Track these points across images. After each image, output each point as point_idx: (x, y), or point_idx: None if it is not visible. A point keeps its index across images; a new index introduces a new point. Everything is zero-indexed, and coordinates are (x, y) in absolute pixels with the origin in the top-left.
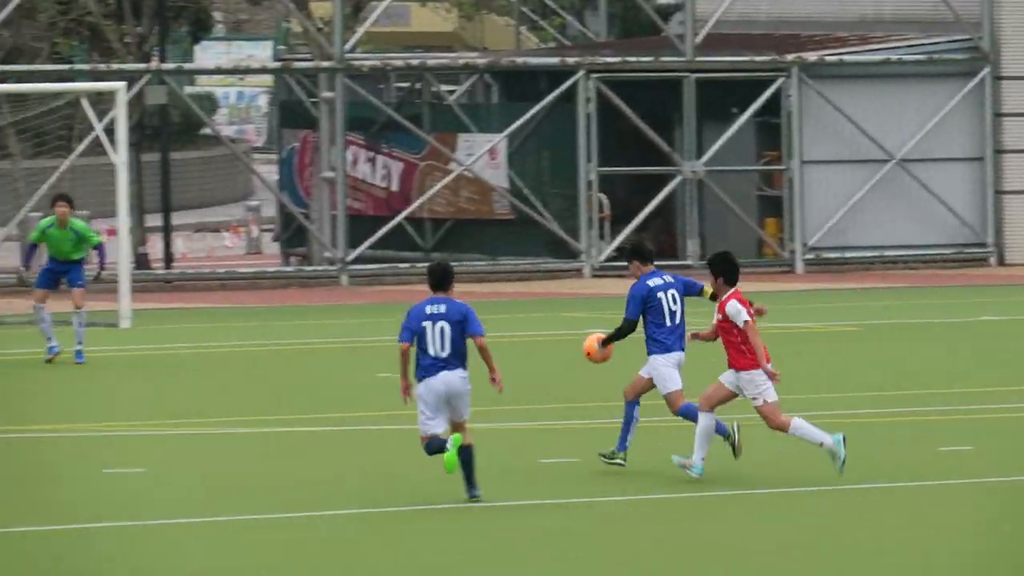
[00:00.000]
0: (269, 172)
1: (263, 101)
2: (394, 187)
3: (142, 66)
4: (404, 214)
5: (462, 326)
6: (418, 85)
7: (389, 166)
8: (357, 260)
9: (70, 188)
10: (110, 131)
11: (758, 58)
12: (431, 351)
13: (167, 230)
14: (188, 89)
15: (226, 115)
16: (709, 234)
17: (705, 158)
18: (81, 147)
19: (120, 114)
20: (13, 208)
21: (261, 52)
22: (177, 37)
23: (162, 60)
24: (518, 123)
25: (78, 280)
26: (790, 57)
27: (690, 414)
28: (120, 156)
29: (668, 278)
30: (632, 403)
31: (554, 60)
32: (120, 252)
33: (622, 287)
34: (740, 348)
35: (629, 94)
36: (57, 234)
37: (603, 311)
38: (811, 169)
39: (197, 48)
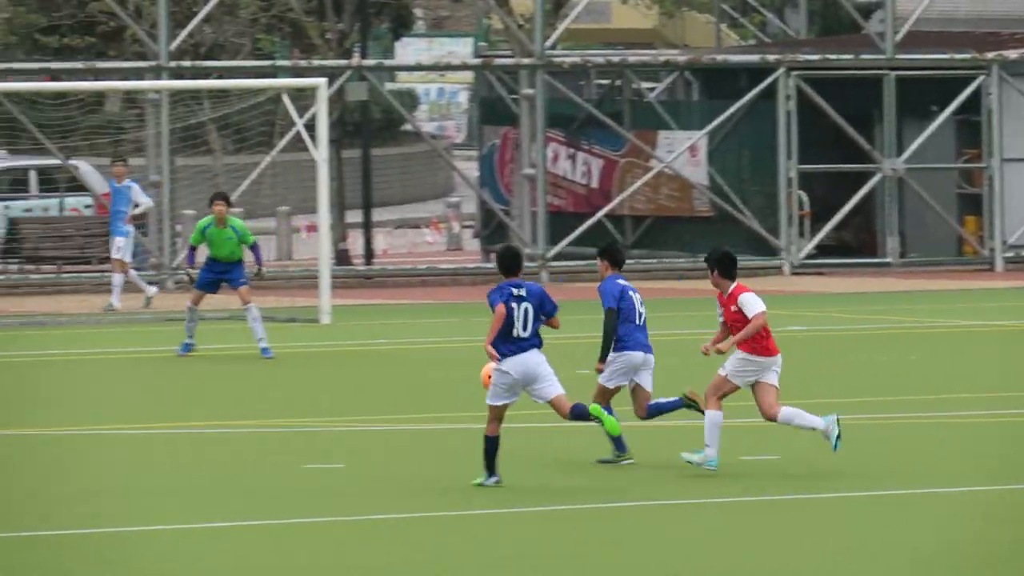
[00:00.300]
0: (469, 169)
1: (463, 98)
2: (594, 184)
3: (343, 62)
4: (604, 211)
5: (542, 308)
6: (618, 82)
7: (589, 163)
8: (557, 257)
9: (271, 184)
10: (311, 127)
11: (958, 56)
12: (515, 332)
13: (368, 226)
14: (389, 85)
15: (426, 111)
16: (909, 232)
17: (905, 156)
18: (282, 143)
19: (321, 110)
20: None
21: (462, 49)
22: (378, 34)
23: (363, 56)
24: (718, 120)
25: (239, 279)
26: (990, 55)
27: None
28: (321, 152)
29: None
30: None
31: (754, 57)
32: (320, 248)
33: (822, 285)
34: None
35: (829, 92)
36: (216, 233)
37: (803, 309)
38: (1011, 167)
39: (398, 45)
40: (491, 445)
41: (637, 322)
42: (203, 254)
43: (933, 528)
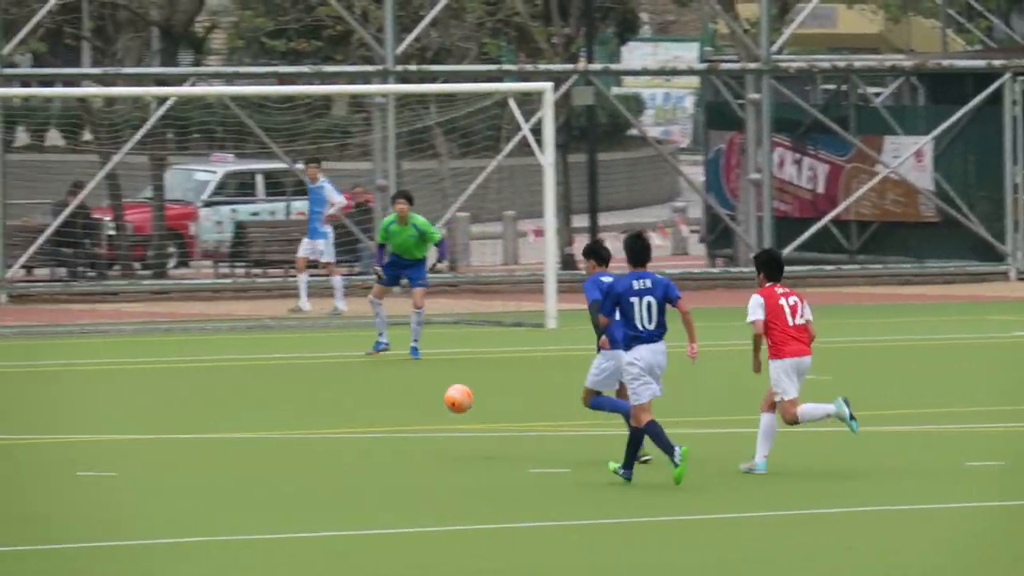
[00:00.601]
0: (695, 173)
1: (689, 102)
2: (820, 189)
3: (569, 67)
4: (830, 216)
5: (666, 298)
6: (844, 87)
7: (815, 168)
8: None
9: (497, 189)
10: (537, 132)
11: None
12: (638, 324)
13: (594, 231)
14: (615, 90)
15: (652, 116)
16: None
17: None
18: (508, 148)
19: (547, 115)
20: (441, 207)
21: (687, 53)
22: (604, 38)
23: (589, 61)
24: (944, 125)
25: (420, 278)
26: None
27: (604, 406)
28: (547, 157)
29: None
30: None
31: (980, 63)
32: (547, 253)
33: None
34: (786, 333)
35: None
36: (398, 231)
37: None
38: None
39: (624, 49)
40: (645, 432)
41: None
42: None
43: None
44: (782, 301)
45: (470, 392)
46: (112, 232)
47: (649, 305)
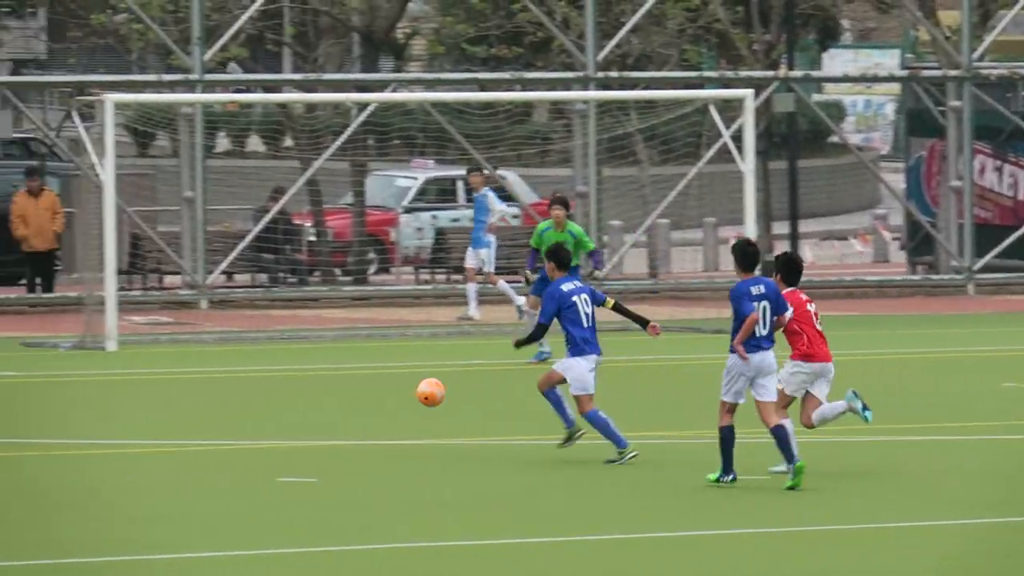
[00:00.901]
0: (895, 181)
1: (890, 109)
2: (1021, 196)
3: (770, 74)
4: None
5: (777, 307)
6: None
7: (1016, 175)
8: (984, 269)
9: (697, 195)
10: (737, 138)
11: None
12: (756, 331)
13: (794, 238)
14: (816, 97)
15: (853, 123)
16: None
17: None
18: (708, 155)
19: (747, 121)
20: (641, 214)
21: (888, 60)
22: (805, 44)
23: (790, 68)
24: None
25: None
26: None
27: (595, 420)
28: (747, 164)
29: (579, 283)
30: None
31: None
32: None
33: None
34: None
35: None
36: (554, 237)
37: None
38: None
39: (825, 56)
40: (728, 435)
41: (584, 324)
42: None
43: None
44: (809, 307)
45: (439, 382)
46: (313, 238)
47: (765, 310)
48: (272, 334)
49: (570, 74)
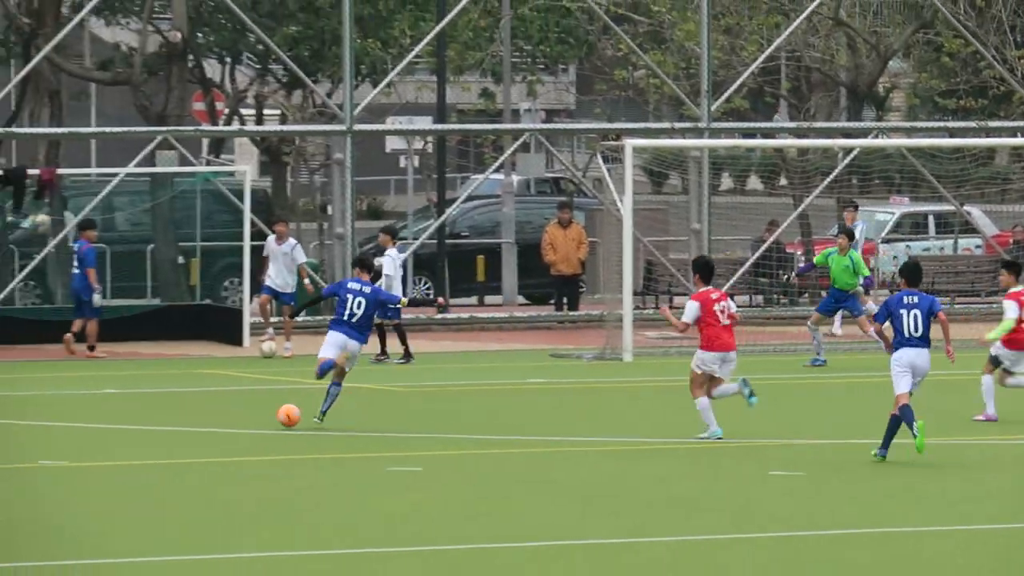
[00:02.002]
0: None
1: None
2: None
3: None
4: None
5: (931, 311)
6: None
7: None
8: None
9: None
10: None
11: None
12: (906, 332)
13: None
14: None
15: None
16: None
17: None
18: None
19: None
20: None
21: None
22: None
23: None
24: None
25: (856, 310)
26: None
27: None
28: None
29: (367, 288)
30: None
31: None
32: None
33: None
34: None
35: None
36: (836, 261)
37: None
38: None
39: None
40: (897, 419)
41: (344, 316)
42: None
43: None
44: (716, 306)
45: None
46: (801, 264)
47: (915, 316)
48: (767, 348)
49: None
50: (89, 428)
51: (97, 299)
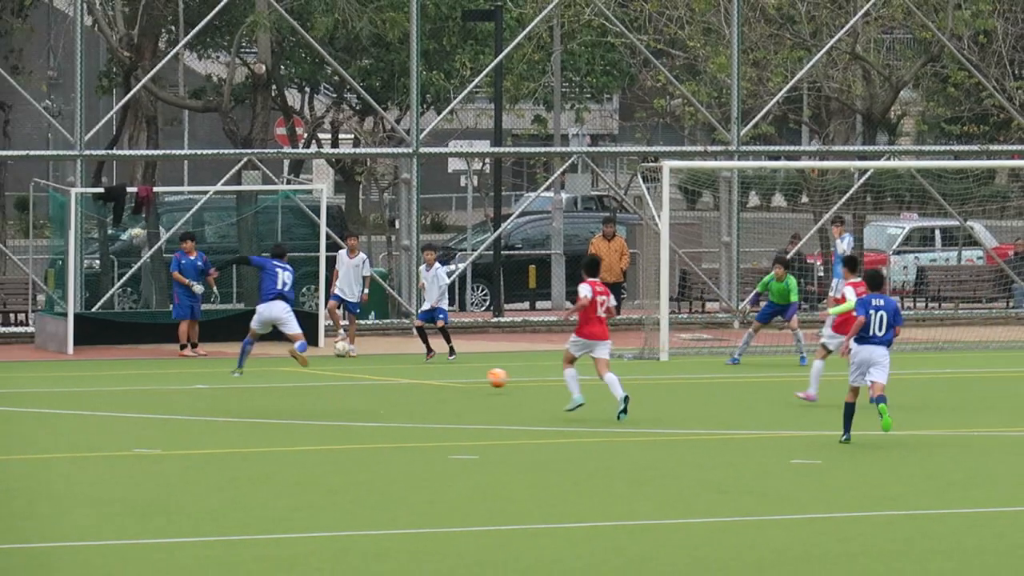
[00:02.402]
0: None
1: None
2: None
3: None
4: None
5: (895, 317)
6: None
7: None
8: None
9: None
10: None
11: None
12: (871, 331)
13: None
14: None
15: None
16: None
17: None
18: None
19: None
20: None
21: None
22: None
23: None
24: None
25: (788, 316)
26: None
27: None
28: None
29: (287, 270)
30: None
31: None
32: None
33: None
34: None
35: None
36: (776, 286)
37: None
38: None
39: None
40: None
41: (276, 287)
42: None
43: None
44: (600, 297)
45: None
46: (821, 273)
47: (882, 318)
48: (788, 348)
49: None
50: (180, 420)
51: (198, 287)
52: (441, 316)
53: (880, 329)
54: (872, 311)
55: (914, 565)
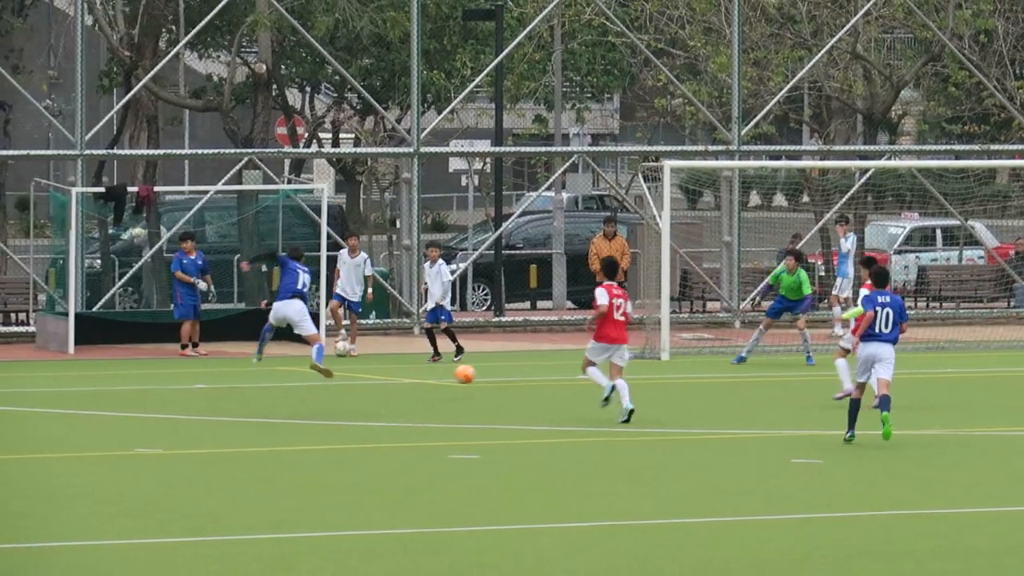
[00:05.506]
0: None
1: None
2: None
3: None
4: None
5: (900, 315)
6: None
7: None
8: None
9: None
10: None
11: None
12: (877, 328)
13: None
14: None
15: None
16: None
17: None
18: None
19: None
20: None
21: None
22: None
23: None
24: None
25: (797, 311)
26: None
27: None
28: None
29: (306, 272)
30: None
31: None
32: None
33: None
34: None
35: None
36: (786, 278)
37: None
38: None
39: None
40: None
41: (299, 288)
42: None
43: None
44: (615, 300)
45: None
46: (822, 273)
47: (888, 315)
48: (790, 347)
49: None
50: (181, 420)
51: (202, 285)
52: (444, 317)
53: (886, 326)
54: (879, 308)
55: (915, 565)
